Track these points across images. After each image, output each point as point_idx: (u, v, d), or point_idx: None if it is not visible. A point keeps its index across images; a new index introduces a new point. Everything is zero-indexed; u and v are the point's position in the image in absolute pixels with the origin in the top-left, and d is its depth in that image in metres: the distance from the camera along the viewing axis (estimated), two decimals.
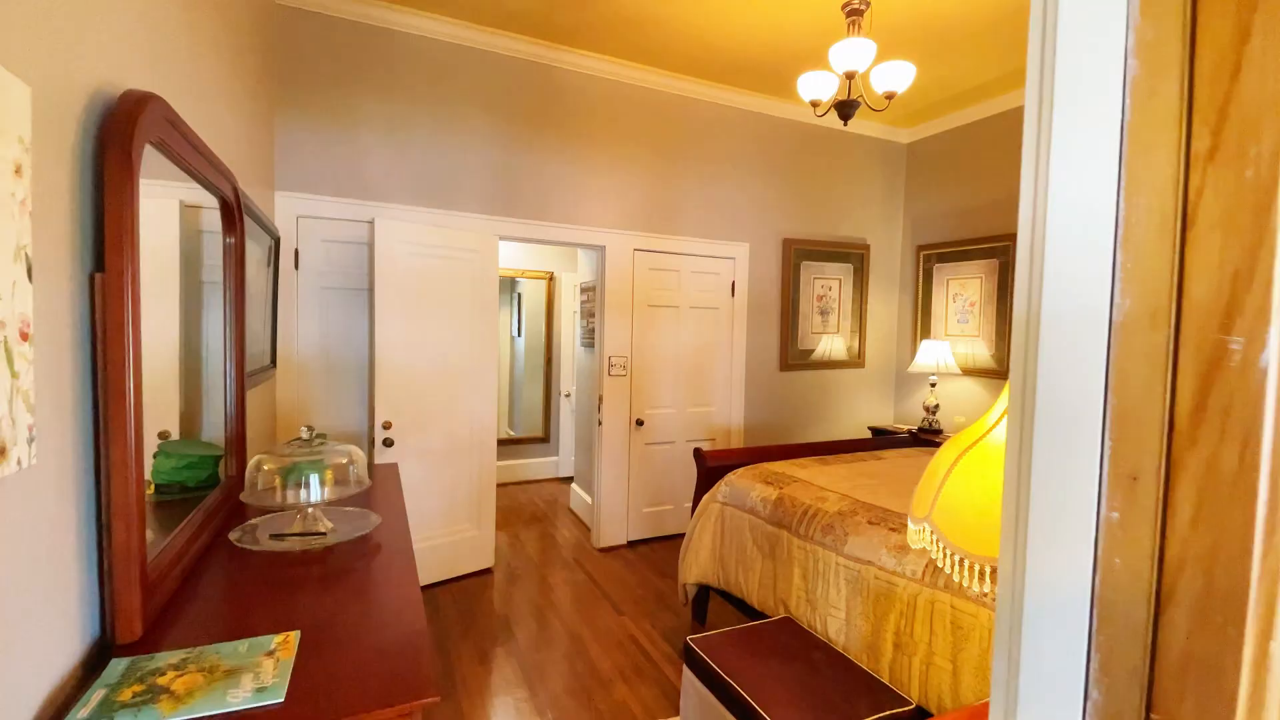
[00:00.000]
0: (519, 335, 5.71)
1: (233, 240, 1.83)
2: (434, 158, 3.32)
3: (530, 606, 3.10)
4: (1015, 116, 4.10)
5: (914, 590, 1.85)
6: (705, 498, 2.86)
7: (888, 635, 1.90)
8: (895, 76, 2.47)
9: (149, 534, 1.33)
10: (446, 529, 3.31)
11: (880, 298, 4.97)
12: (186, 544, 1.38)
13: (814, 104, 2.67)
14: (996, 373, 4.24)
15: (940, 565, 0.90)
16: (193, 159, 1.40)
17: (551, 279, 5.60)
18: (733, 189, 4.23)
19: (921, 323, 4.82)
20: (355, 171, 3.14)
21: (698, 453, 2.97)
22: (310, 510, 1.47)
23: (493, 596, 3.20)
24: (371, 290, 3.05)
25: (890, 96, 2.52)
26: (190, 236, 1.79)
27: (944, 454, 0.98)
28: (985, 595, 1.52)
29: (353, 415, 3.17)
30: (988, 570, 0.84)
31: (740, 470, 2.82)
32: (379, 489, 2.01)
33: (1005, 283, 4.19)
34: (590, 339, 4.22)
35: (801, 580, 2.26)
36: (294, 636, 1.06)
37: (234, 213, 1.80)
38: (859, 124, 4.65)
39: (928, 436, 4.21)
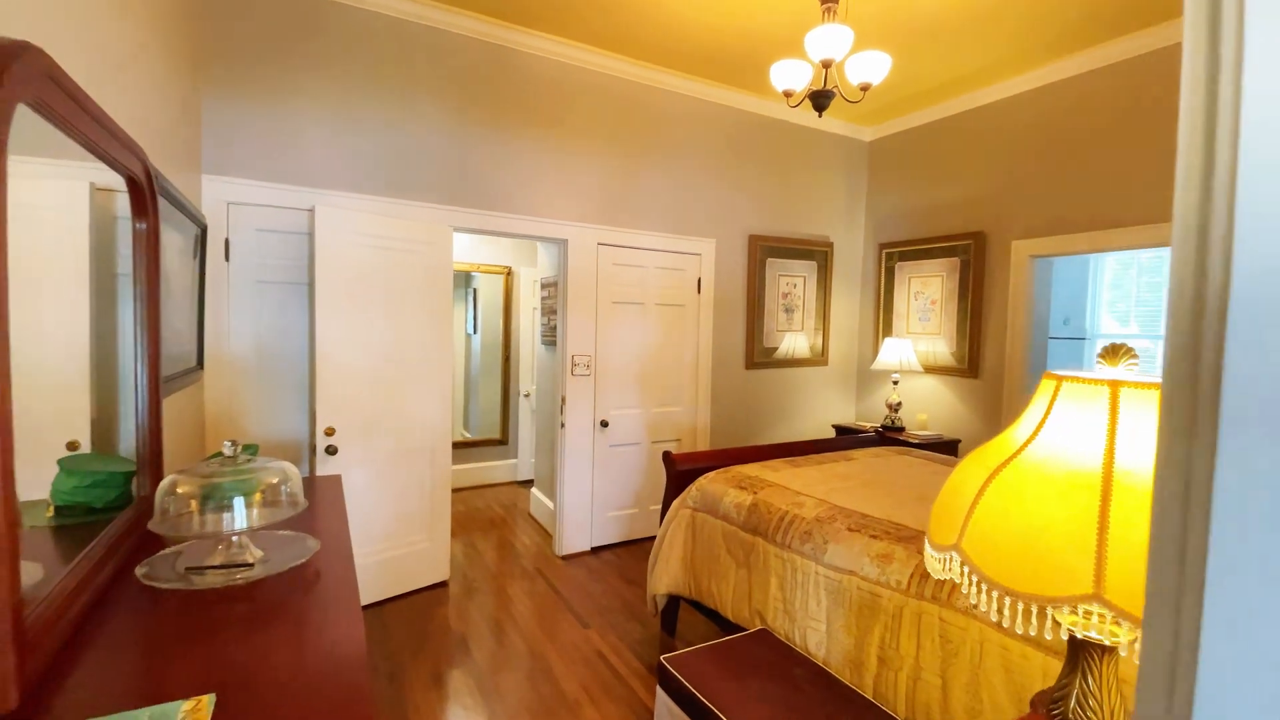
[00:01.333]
0: (474, 333, 5.47)
1: (144, 225, 1.60)
2: (382, 142, 3.09)
3: (488, 622, 2.92)
4: (978, 115, 4.12)
5: (899, 602, 1.77)
6: (675, 503, 2.74)
7: (871, 649, 1.82)
8: (871, 67, 2.39)
9: (39, 571, 1.12)
10: (397, 541, 3.09)
11: (843, 295, 4.95)
12: (82, 583, 1.17)
13: (787, 94, 2.57)
14: (958, 370, 4.27)
15: (974, 602, 0.79)
16: (86, 126, 1.18)
17: (509, 274, 5.38)
18: (699, 183, 4.12)
19: (884, 320, 4.82)
20: (294, 155, 2.88)
21: (667, 456, 2.85)
22: (236, 538, 1.28)
23: (448, 612, 3.00)
24: (312, 284, 2.81)
25: (865, 88, 2.44)
26: (104, 223, 1.59)
27: (967, 473, 0.87)
28: (1036, 636, 1.44)
29: (292, 421, 2.92)
30: (1033, 609, 0.74)
31: (711, 474, 2.71)
32: (320, 506, 1.81)
33: (966, 281, 4.21)
34: (551, 337, 4.04)
35: (779, 591, 2.16)
36: (207, 702, 0.87)
37: (144, 193, 1.57)
38: (822, 120, 4.61)
39: (893, 435, 4.21)
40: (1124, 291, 4.91)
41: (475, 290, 5.41)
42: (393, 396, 3.02)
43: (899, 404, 4.41)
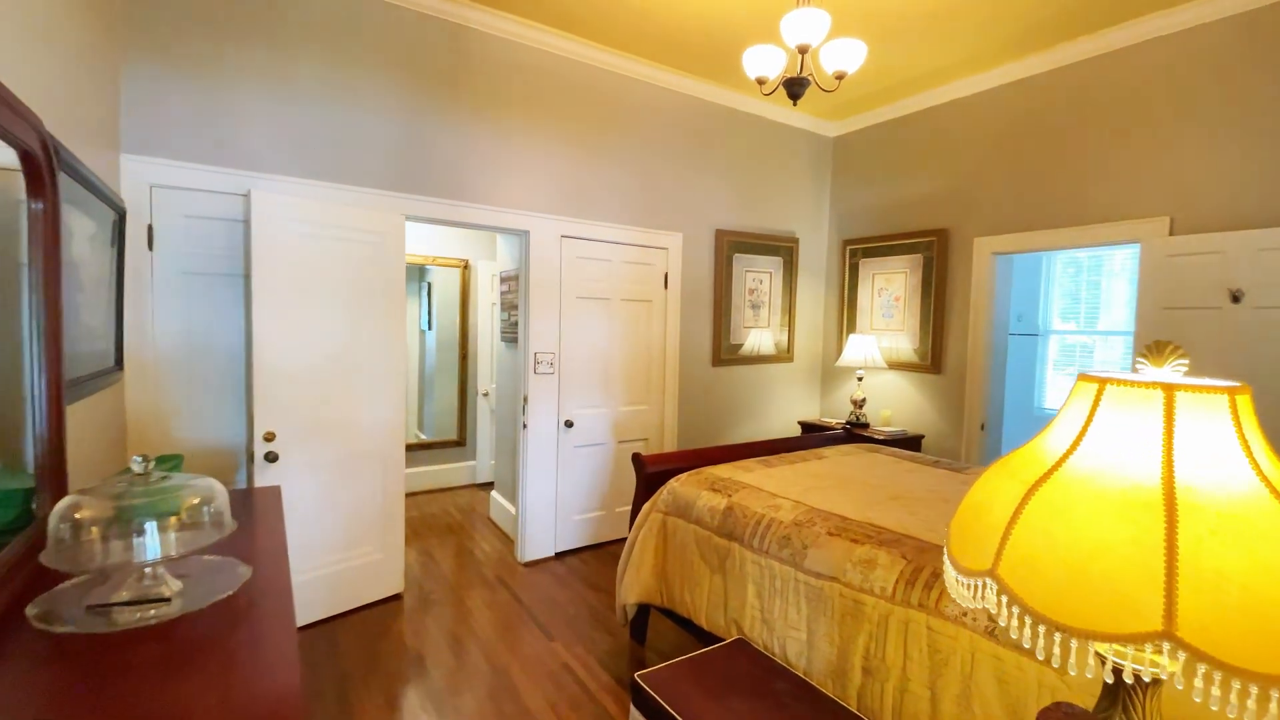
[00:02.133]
0: (429, 329, 5.23)
1: (41, 205, 1.38)
2: (327, 122, 2.86)
3: (446, 636, 2.75)
4: (941, 112, 4.13)
5: (884, 609, 1.70)
6: (646, 507, 2.63)
7: (855, 659, 1.74)
8: (847, 55, 2.32)
9: None
10: (346, 553, 2.88)
11: (809, 292, 4.93)
12: None
13: (760, 81, 2.47)
14: (921, 366, 4.29)
15: (1014, 636, 0.70)
16: None
17: (467, 267, 5.16)
18: (666, 175, 4.01)
19: (848, 317, 4.82)
20: (227, 134, 2.64)
21: (637, 457, 2.73)
22: (149, 569, 1.10)
23: (402, 627, 2.82)
24: (249, 276, 2.58)
25: (840, 76, 2.37)
26: (6, 207, 1.38)
27: (994, 487, 0.78)
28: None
29: (228, 426, 2.68)
30: (1089, 648, 0.65)
31: (683, 476, 2.61)
32: (255, 523, 1.62)
33: (929, 278, 4.23)
34: (512, 333, 3.87)
35: (756, 598, 2.07)
36: None
37: (41, 169, 1.36)
38: (787, 114, 4.56)
39: (859, 431, 4.20)
40: (1066, 289, 5.13)
41: (430, 284, 5.17)
42: (340, 397, 2.81)
43: (864, 400, 4.41)
